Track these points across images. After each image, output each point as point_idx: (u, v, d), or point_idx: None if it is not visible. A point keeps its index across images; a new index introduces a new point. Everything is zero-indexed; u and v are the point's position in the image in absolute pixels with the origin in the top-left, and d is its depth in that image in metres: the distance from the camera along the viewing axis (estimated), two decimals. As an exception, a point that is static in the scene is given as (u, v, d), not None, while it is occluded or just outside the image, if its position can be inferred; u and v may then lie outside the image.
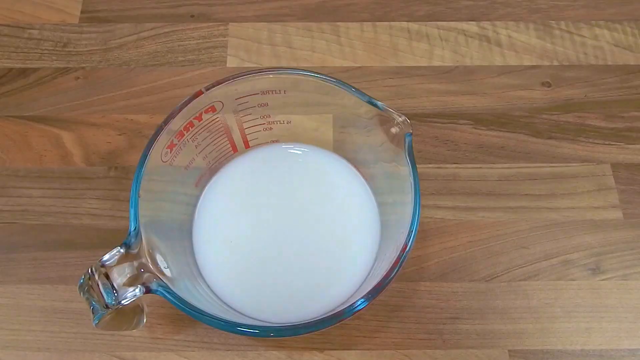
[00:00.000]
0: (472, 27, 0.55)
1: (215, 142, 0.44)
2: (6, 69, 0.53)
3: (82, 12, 0.57)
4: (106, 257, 0.34)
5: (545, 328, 0.42)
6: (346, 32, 0.55)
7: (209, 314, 0.33)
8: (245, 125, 0.44)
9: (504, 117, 0.51)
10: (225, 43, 0.55)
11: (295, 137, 0.46)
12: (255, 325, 0.34)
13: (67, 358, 0.42)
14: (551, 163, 0.49)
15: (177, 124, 0.39)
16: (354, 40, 0.55)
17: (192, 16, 0.56)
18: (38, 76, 0.53)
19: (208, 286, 0.42)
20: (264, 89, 0.41)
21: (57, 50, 0.54)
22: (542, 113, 0.51)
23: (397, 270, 0.34)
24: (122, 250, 0.34)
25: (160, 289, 0.33)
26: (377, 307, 0.43)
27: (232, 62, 0.54)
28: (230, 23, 0.56)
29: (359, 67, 0.53)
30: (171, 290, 0.33)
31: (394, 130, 0.38)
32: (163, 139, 0.38)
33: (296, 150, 0.46)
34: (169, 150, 0.39)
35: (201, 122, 0.41)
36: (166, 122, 0.38)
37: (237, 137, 0.45)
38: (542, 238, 0.45)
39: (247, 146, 0.46)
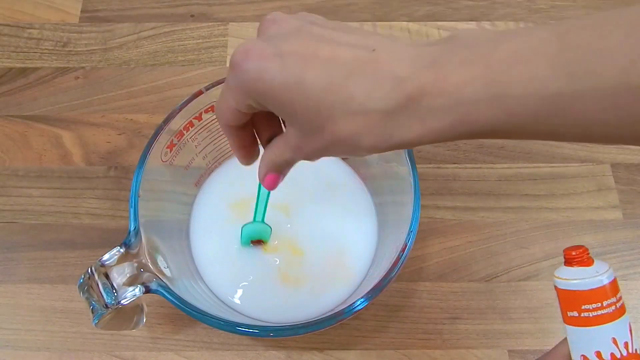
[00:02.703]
0: (472, 27, 0.55)
1: (215, 141, 0.44)
2: (6, 68, 0.53)
3: (82, 11, 0.57)
4: (106, 256, 0.34)
5: (545, 328, 0.42)
6: (346, 32, 0.55)
7: (209, 314, 0.33)
8: (245, 125, 0.44)
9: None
10: (225, 43, 0.55)
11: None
12: (255, 325, 0.34)
13: (67, 357, 0.42)
14: (551, 163, 0.49)
15: (177, 123, 0.39)
16: (354, 40, 0.55)
17: (192, 16, 0.56)
18: (38, 76, 0.53)
19: (207, 286, 0.42)
20: (264, 88, 0.41)
21: (57, 50, 0.54)
22: (542, 113, 0.51)
23: (397, 270, 0.34)
24: (121, 250, 0.34)
25: (160, 288, 0.33)
26: (377, 307, 0.43)
27: (232, 62, 0.54)
28: (230, 23, 0.56)
29: (359, 67, 0.53)
30: (171, 289, 0.33)
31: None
32: (163, 139, 0.38)
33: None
34: (168, 150, 0.39)
35: (201, 121, 0.41)
36: (166, 121, 0.39)
37: (237, 136, 0.45)
38: (542, 238, 0.45)
39: (247, 146, 0.46)
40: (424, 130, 0.24)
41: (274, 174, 0.31)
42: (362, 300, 0.33)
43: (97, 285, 0.33)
